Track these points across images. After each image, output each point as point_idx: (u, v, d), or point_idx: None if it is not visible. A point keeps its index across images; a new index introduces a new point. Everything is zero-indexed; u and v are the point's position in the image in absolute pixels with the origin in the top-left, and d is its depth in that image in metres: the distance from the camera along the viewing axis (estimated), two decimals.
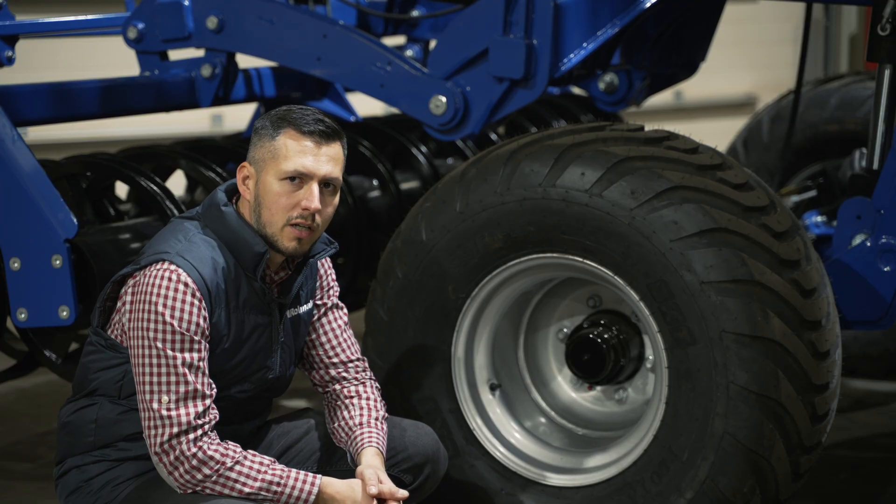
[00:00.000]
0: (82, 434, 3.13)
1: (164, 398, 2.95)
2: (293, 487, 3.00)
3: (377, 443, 3.17)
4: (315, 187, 3.05)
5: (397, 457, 3.27)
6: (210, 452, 2.96)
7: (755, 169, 5.50)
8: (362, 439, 3.18)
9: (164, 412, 2.95)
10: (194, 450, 2.95)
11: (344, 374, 3.32)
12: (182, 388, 2.96)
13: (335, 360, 3.33)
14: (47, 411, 5.25)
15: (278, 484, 2.99)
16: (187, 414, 2.96)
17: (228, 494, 2.97)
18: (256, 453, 3.03)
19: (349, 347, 3.34)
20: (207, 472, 2.96)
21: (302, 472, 3.03)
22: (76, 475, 3.13)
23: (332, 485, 3.03)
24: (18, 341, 4.34)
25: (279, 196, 3.05)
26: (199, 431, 2.96)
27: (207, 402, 2.99)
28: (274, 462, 3.03)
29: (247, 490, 2.98)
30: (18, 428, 5.15)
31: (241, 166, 3.11)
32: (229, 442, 3.01)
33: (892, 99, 3.82)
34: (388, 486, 3.05)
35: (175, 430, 2.95)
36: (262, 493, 2.98)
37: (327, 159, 3.07)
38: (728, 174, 3.42)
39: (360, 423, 3.22)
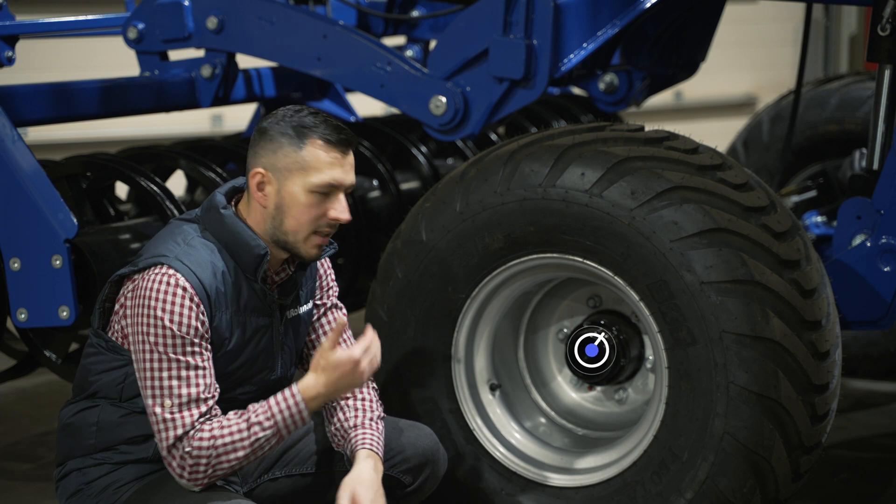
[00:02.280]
0: (83, 436, 3.13)
1: (167, 402, 2.96)
2: (281, 411, 2.98)
3: (370, 444, 3.17)
4: (343, 198, 3.06)
5: (396, 458, 3.27)
6: (197, 438, 2.96)
7: (755, 169, 5.50)
8: (356, 441, 3.18)
9: (168, 415, 2.95)
10: (190, 443, 2.96)
11: None
12: (185, 391, 2.96)
13: None
14: (47, 411, 5.25)
15: (267, 418, 2.98)
16: (191, 416, 2.96)
17: (238, 463, 2.97)
18: (227, 417, 2.99)
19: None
20: (206, 454, 2.96)
21: (278, 395, 3.01)
22: (77, 477, 3.13)
23: (307, 380, 3.01)
24: (18, 341, 4.34)
25: (309, 208, 3.03)
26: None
27: (210, 402, 3.00)
28: (245, 411, 3.00)
29: (246, 447, 2.96)
30: (18, 428, 5.15)
31: (256, 172, 3.05)
32: (204, 425, 2.99)
33: (892, 99, 3.82)
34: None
35: (180, 431, 2.95)
36: (259, 441, 2.97)
37: (350, 167, 3.08)
38: (728, 174, 3.42)
39: (355, 425, 3.22)
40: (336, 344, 3.04)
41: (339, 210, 3.05)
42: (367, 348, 3.06)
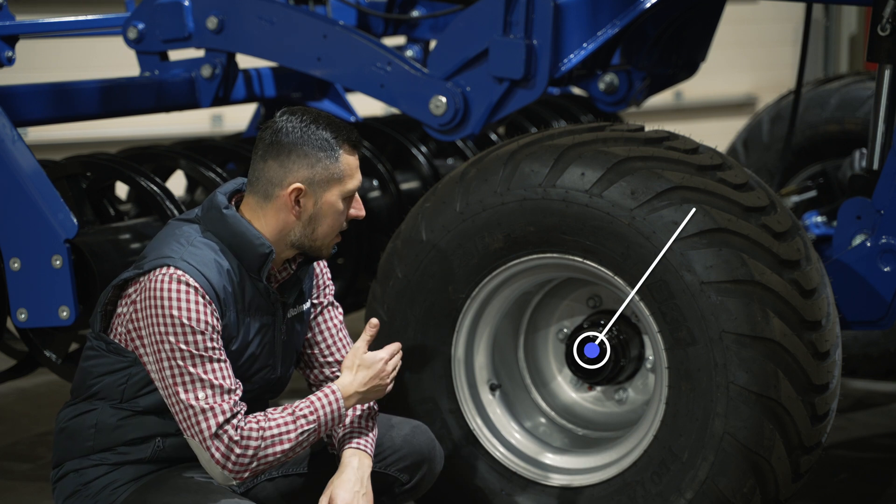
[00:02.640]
0: (81, 438, 3.12)
1: (201, 394, 2.96)
2: (323, 407, 3.07)
3: (356, 443, 3.19)
4: (357, 196, 3.17)
5: (392, 456, 3.28)
6: (247, 428, 2.98)
7: (755, 169, 5.50)
8: (342, 441, 3.21)
9: (206, 405, 2.96)
10: (239, 430, 2.97)
11: (339, 374, 3.33)
12: (217, 382, 2.97)
13: (330, 359, 3.33)
14: (47, 412, 5.25)
15: (311, 412, 3.05)
16: (227, 401, 2.97)
17: (284, 455, 3.01)
18: (268, 411, 3.06)
19: (344, 347, 3.35)
20: (255, 444, 2.98)
21: (319, 392, 3.10)
22: (74, 478, 3.13)
23: (344, 380, 3.13)
24: (18, 341, 4.34)
25: (342, 213, 3.14)
26: (240, 416, 2.99)
27: (239, 391, 3.02)
28: (286, 406, 3.07)
29: (293, 439, 3.01)
30: (18, 428, 5.15)
31: (296, 188, 3.06)
32: (247, 416, 3.02)
33: (892, 99, 3.82)
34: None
35: (221, 418, 2.96)
36: (306, 430, 3.03)
37: None
38: (728, 174, 3.42)
39: (343, 425, 3.23)
40: (368, 345, 3.18)
41: (358, 207, 3.18)
42: (392, 353, 3.22)
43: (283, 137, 3.07)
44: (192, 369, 2.96)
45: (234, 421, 2.97)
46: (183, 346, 2.95)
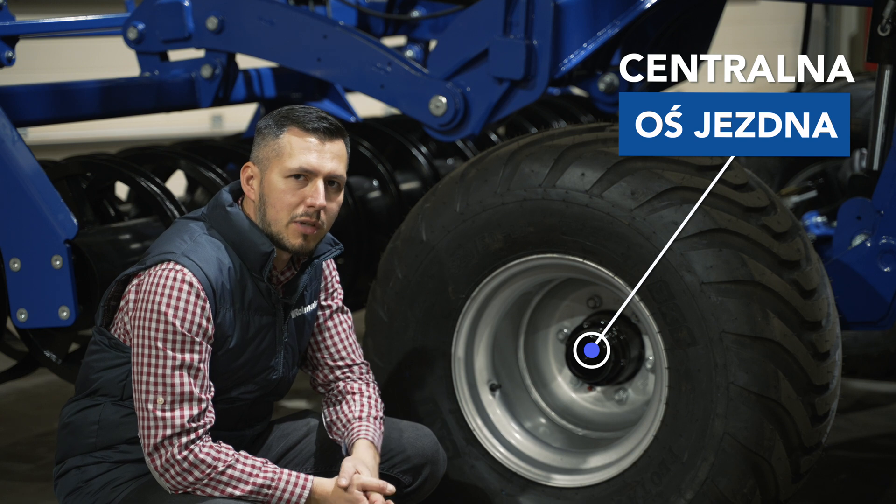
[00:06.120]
0: (84, 435, 3.13)
1: (160, 399, 2.95)
2: (284, 490, 2.99)
3: (372, 436, 3.17)
4: (320, 184, 3.06)
5: (396, 458, 3.27)
6: (201, 455, 2.96)
7: (755, 169, 5.50)
8: (357, 431, 3.18)
9: (159, 413, 2.95)
10: (185, 453, 2.95)
11: (348, 375, 3.33)
12: (178, 390, 2.96)
13: (340, 363, 3.33)
14: (47, 412, 5.25)
15: (269, 486, 2.99)
16: (182, 416, 2.95)
17: (220, 496, 2.97)
18: (249, 455, 3.02)
19: (354, 351, 3.35)
20: (198, 475, 2.96)
21: (294, 474, 3.02)
22: (76, 475, 3.13)
23: (324, 485, 3.03)
24: (18, 342, 4.34)
25: (284, 193, 3.06)
26: (193, 435, 2.96)
27: (203, 405, 2.99)
28: (266, 463, 3.02)
29: (238, 493, 2.97)
30: (18, 428, 5.15)
31: (245, 166, 3.12)
32: (222, 444, 3.00)
33: (892, 99, 3.82)
34: (365, 478, 3.03)
35: (168, 432, 2.95)
36: (254, 495, 2.98)
37: (331, 156, 3.08)
38: (728, 175, 3.42)
39: (359, 417, 3.23)
40: (376, 479, 3.06)
41: (313, 195, 3.06)
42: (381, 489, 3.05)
43: (258, 122, 3.14)
44: (159, 370, 2.95)
45: (184, 439, 2.95)
46: (160, 345, 2.95)
